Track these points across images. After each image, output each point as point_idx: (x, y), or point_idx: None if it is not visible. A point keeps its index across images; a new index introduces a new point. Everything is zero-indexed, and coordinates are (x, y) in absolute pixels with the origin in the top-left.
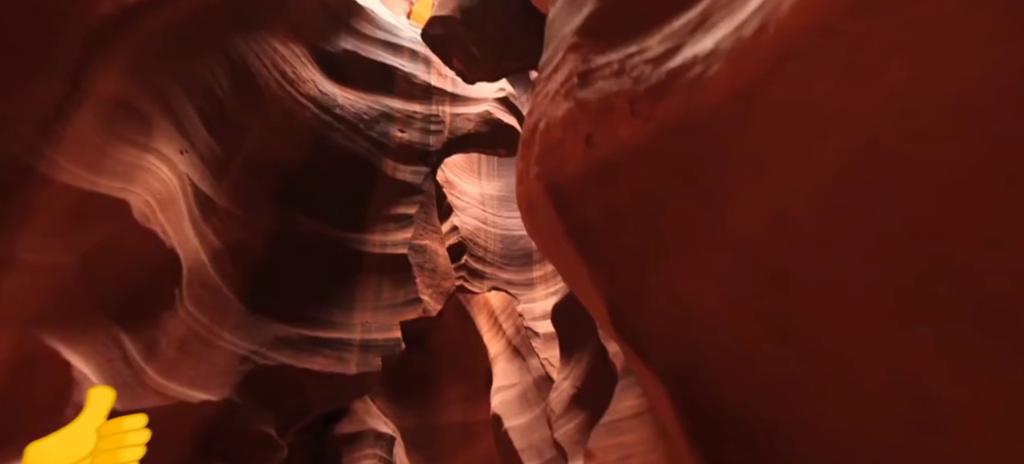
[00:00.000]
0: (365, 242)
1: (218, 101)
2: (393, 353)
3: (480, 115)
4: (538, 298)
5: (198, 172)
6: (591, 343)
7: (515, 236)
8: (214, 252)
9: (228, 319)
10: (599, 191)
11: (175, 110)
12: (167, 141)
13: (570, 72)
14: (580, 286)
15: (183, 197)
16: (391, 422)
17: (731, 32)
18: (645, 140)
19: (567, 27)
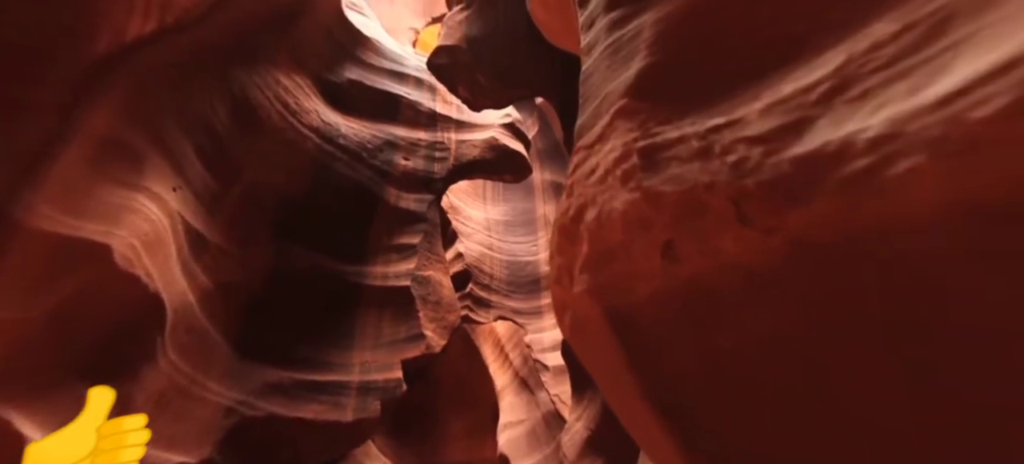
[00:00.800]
0: (365, 274)
1: (216, 135)
2: (393, 395)
3: (486, 141)
4: (547, 327)
5: (191, 209)
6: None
7: (521, 262)
8: (204, 293)
9: (215, 366)
10: (692, 331)
11: (170, 146)
12: (159, 178)
13: (626, 147)
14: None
15: (173, 236)
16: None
17: (935, 105)
18: (768, 261)
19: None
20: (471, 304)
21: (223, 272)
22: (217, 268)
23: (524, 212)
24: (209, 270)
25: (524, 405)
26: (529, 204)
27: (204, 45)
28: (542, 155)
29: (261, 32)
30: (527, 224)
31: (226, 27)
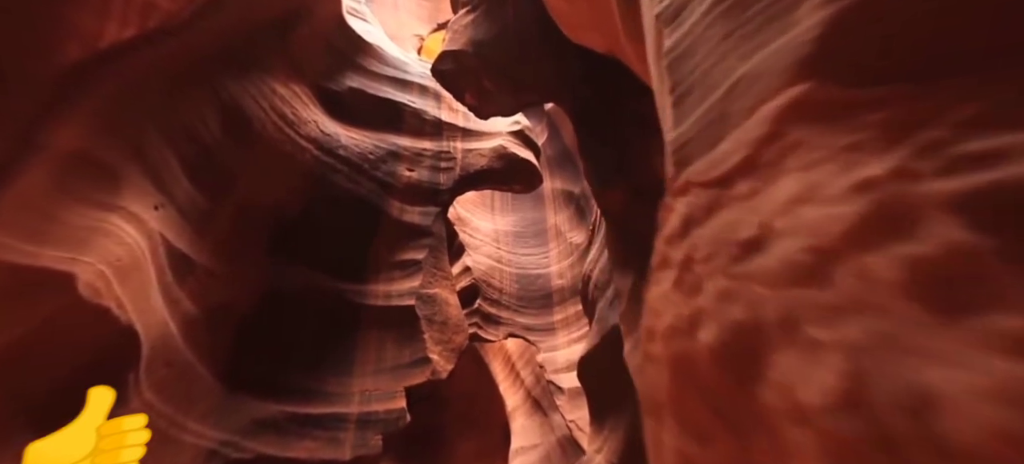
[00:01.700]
0: (366, 293)
1: (206, 148)
2: (395, 428)
3: (494, 150)
4: (560, 345)
5: (175, 228)
6: (629, 407)
7: (532, 275)
8: (187, 320)
9: (197, 403)
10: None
11: (152, 161)
12: (138, 196)
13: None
14: None
15: (153, 260)
16: None
17: None
18: None
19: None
20: (480, 321)
21: (210, 295)
22: (204, 292)
23: (534, 222)
24: (195, 295)
25: (537, 428)
26: (539, 214)
27: (192, 52)
28: (552, 163)
29: (255, 38)
30: (538, 235)
31: (216, 33)
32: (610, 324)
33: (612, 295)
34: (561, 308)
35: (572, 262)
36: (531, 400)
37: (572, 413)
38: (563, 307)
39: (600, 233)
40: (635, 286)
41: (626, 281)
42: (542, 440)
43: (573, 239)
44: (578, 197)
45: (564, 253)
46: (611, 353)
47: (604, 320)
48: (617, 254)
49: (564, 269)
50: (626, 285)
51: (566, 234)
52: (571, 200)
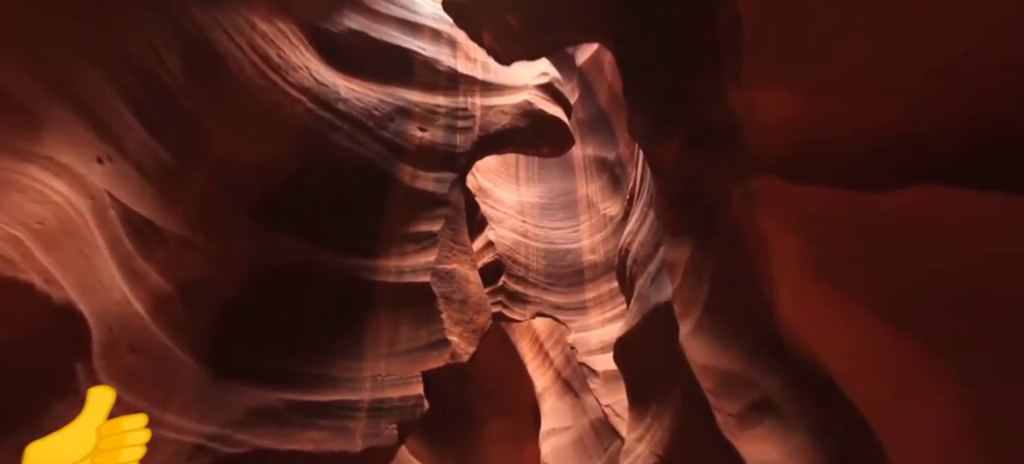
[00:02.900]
0: (377, 269)
1: (165, 91)
2: (412, 416)
3: (517, 106)
4: (593, 325)
5: (132, 189)
6: (677, 393)
7: (561, 250)
8: (158, 299)
9: (177, 393)
10: None
11: (88, 101)
12: (71, 145)
13: None
14: None
15: (100, 225)
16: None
17: None
18: None
19: None
20: (504, 299)
21: (187, 270)
22: (178, 265)
23: (563, 193)
24: (166, 269)
25: (569, 410)
26: (569, 183)
27: None
28: (584, 127)
29: None
30: (567, 207)
31: None
32: (652, 303)
33: (656, 270)
34: (594, 286)
35: (606, 236)
36: (561, 381)
37: (608, 397)
38: (596, 284)
39: (640, 201)
40: (694, 258)
41: (681, 252)
42: (574, 422)
43: (607, 211)
44: (613, 164)
45: (597, 226)
46: (653, 335)
47: (645, 298)
48: (669, 220)
49: (597, 244)
50: (681, 256)
51: (599, 205)
52: (605, 168)
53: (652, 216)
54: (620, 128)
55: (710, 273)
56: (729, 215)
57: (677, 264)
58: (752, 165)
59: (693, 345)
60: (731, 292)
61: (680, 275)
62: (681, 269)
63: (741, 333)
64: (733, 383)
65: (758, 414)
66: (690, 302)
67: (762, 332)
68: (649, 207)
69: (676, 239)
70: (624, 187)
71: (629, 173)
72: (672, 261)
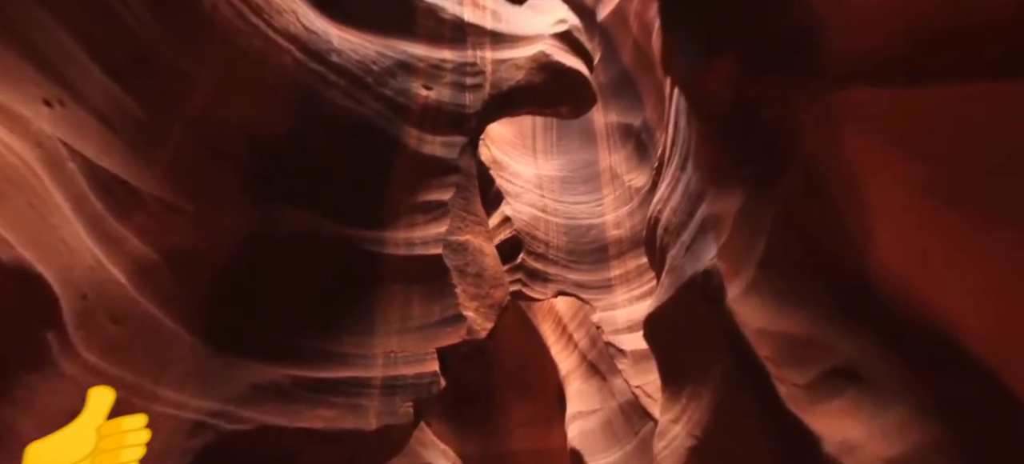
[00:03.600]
0: (385, 241)
1: (127, 32)
2: (428, 394)
3: (532, 59)
4: (619, 303)
5: (94, 140)
6: (717, 370)
7: (583, 225)
8: (141, 266)
9: (172, 366)
10: None
11: (34, 41)
12: (6, 84)
13: None
14: None
15: (55, 179)
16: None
17: None
18: None
19: None
20: (524, 277)
21: (172, 237)
22: (161, 231)
23: (584, 165)
24: (147, 234)
25: (595, 393)
26: (590, 155)
27: None
28: (607, 91)
29: None
30: (589, 180)
31: None
32: (688, 274)
33: (691, 238)
34: (619, 262)
35: (631, 209)
36: (586, 363)
37: (637, 378)
38: (622, 260)
39: (671, 164)
40: (747, 208)
41: (729, 203)
42: (602, 405)
43: (633, 182)
44: (638, 131)
45: (621, 199)
46: (689, 308)
47: (679, 269)
48: (715, 167)
49: (622, 217)
50: (729, 208)
51: (623, 177)
52: (630, 135)
53: (686, 180)
54: (648, 89)
55: (769, 222)
56: (799, 148)
57: (724, 218)
58: (834, 77)
59: (746, 308)
60: (799, 241)
61: (728, 230)
62: (729, 223)
63: (811, 289)
64: (801, 348)
65: (836, 384)
66: (741, 259)
67: (842, 286)
68: (682, 169)
69: (723, 189)
70: (652, 155)
71: (657, 139)
72: (717, 215)
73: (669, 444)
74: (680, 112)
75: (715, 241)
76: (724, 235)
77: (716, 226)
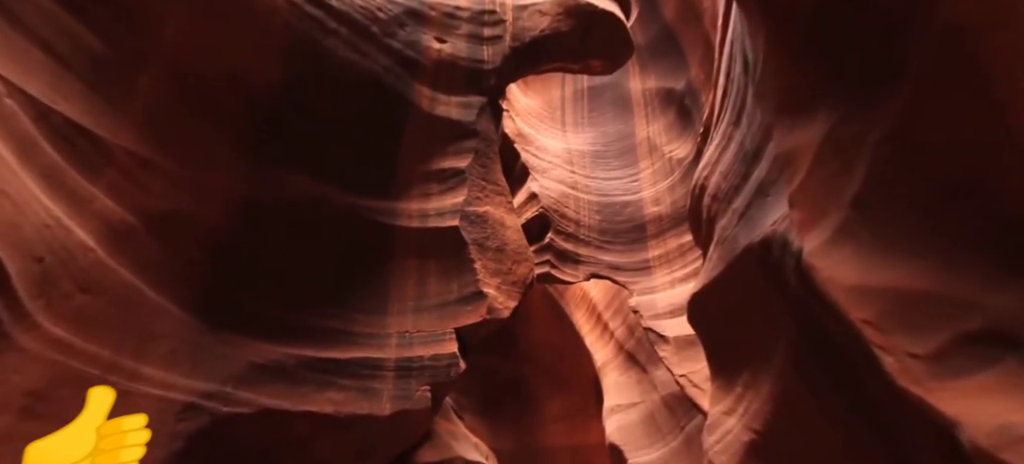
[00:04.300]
0: (396, 212)
1: None
2: (446, 378)
3: (558, 3)
4: (659, 286)
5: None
6: (779, 352)
7: (618, 203)
8: (114, 230)
9: (158, 342)
10: None
11: None
12: None
13: None
14: None
15: None
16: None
17: None
18: None
19: None
20: (553, 259)
21: (152, 198)
22: (137, 190)
23: (619, 137)
24: (120, 192)
25: (635, 385)
26: (625, 126)
27: None
28: (645, 55)
29: None
30: (624, 154)
31: None
32: (742, 245)
33: (746, 204)
34: (658, 241)
35: (672, 183)
36: (624, 353)
37: (681, 366)
38: (661, 240)
39: (722, 122)
40: (834, 134)
41: (807, 133)
42: (642, 398)
43: (674, 153)
44: (681, 95)
45: (661, 172)
46: (744, 284)
47: (731, 241)
48: (789, 92)
49: (661, 193)
50: (807, 139)
51: (663, 148)
52: (671, 101)
53: (740, 137)
54: (692, 44)
55: (872, 145)
56: (932, 29)
57: (799, 154)
58: None
59: (832, 262)
60: (919, 165)
61: (805, 167)
62: (808, 158)
63: (936, 228)
64: (920, 307)
65: (979, 352)
66: (825, 201)
67: (990, 221)
68: (735, 125)
69: (799, 119)
70: (696, 121)
71: (702, 103)
72: (789, 153)
73: (722, 438)
74: (734, 59)
75: (786, 184)
76: (799, 175)
77: (787, 167)
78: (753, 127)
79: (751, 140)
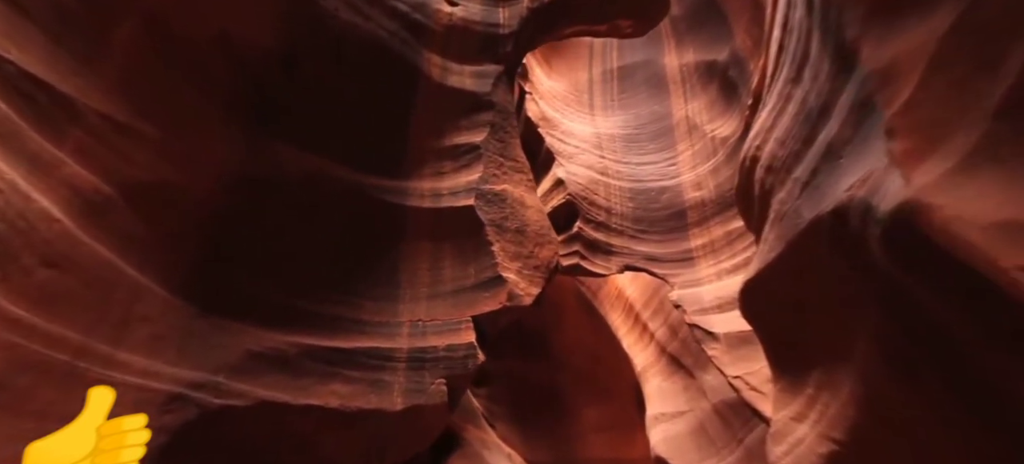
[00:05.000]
0: (407, 191)
1: None
2: (464, 370)
3: None
4: (704, 279)
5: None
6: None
7: (653, 188)
8: (86, 200)
9: (138, 326)
10: None
11: None
12: None
13: None
14: None
15: None
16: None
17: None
18: None
19: None
20: (582, 249)
21: (131, 166)
22: (113, 157)
23: (653, 119)
24: (91, 158)
25: (680, 392)
26: (660, 106)
27: None
28: (681, 26)
29: None
30: (659, 136)
31: None
32: (806, 218)
33: (810, 170)
34: (702, 229)
35: (716, 164)
36: (666, 357)
37: (735, 367)
38: (705, 227)
39: (778, 81)
40: (956, 31)
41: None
42: (690, 406)
43: (717, 132)
44: (724, 66)
45: (702, 154)
46: (812, 262)
47: (792, 216)
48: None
49: (703, 176)
50: (922, 38)
51: (704, 127)
52: (713, 74)
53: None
54: (737, 10)
55: None
56: None
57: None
58: None
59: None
60: None
61: (915, 79)
62: (918, 66)
63: None
64: None
65: None
66: (948, 116)
67: None
68: (795, 82)
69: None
70: (742, 94)
71: (750, 73)
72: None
73: (792, 449)
74: (793, 4)
75: (885, 106)
76: (904, 92)
77: (885, 86)
78: (820, 79)
79: (816, 95)
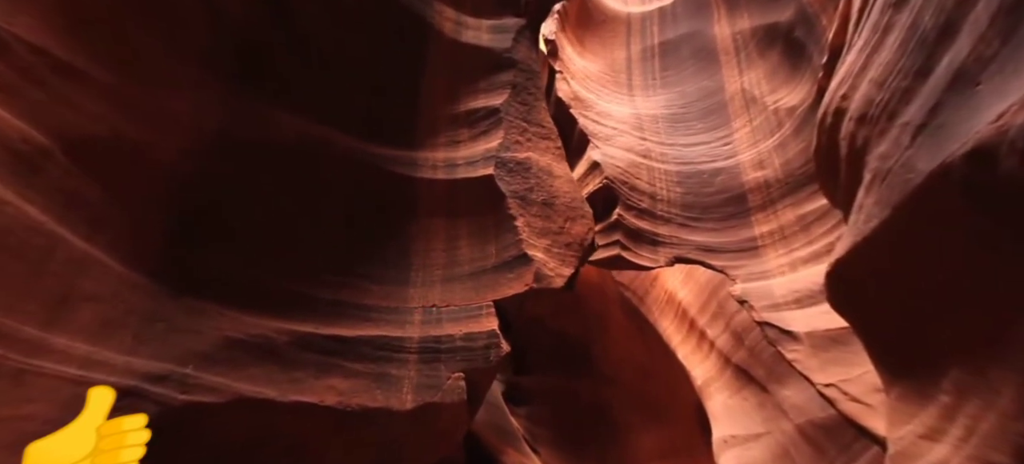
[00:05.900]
0: (417, 162)
1: None
2: (486, 363)
3: None
4: (773, 270)
5: None
6: (1021, 337)
7: (705, 171)
8: (15, 151)
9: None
10: None
11: None
12: None
13: None
14: None
15: None
16: None
17: None
18: None
19: None
20: (623, 239)
21: (76, 113)
22: (51, 100)
23: (702, 95)
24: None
25: (754, 410)
26: (710, 80)
27: None
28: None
29: None
30: (710, 113)
31: None
32: (922, 172)
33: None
34: (767, 214)
35: (782, 139)
36: (732, 368)
37: (825, 373)
38: (771, 212)
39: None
40: None
41: None
42: (767, 428)
43: (781, 102)
44: (788, 28)
45: (763, 129)
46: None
47: (902, 171)
48: None
49: (766, 153)
50: None
51: (765, 98)
52: (774, 39)
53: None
54: None
55: None
56: None
57: None
58: None
59: None
60: None
61: None
62: None
63: None
64: None
65: None
66: None
67: None
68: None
69: None
70: (812, 55)
71: (820, 29)
72: None
73: None
74: None
75: None
76: None
77: None
78: None
79: (934, 12)
